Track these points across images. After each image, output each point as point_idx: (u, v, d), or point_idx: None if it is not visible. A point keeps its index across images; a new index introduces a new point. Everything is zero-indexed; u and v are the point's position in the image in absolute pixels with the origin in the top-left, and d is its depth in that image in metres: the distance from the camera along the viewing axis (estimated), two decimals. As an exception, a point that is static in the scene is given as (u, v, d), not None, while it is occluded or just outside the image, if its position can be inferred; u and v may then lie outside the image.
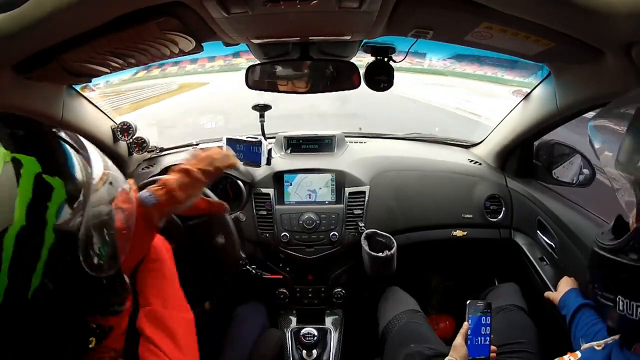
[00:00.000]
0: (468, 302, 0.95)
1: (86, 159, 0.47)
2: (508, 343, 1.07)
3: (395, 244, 1.25)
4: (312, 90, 1.15)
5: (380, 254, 1.22)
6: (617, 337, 0.65)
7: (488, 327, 0.92)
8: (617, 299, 0.57)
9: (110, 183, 0.49)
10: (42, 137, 0.45)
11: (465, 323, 0.93)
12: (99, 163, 0.49)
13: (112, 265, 0.47)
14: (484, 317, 0.93)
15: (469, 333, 0.92)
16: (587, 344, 0.72)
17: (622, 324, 0.59)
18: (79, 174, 0.44)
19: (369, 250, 1.24)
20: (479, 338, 0.92)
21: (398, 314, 1.24)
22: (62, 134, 0.47)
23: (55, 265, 0.39)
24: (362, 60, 1.14)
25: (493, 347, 0.92)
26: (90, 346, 0.45)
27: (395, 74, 1.08)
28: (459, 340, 0.92)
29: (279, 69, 1.13)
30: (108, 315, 0.48)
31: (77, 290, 0.43)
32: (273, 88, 1.15)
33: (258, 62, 1.13)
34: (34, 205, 0.38)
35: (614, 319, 0.60)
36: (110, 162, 0.52)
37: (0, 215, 0.37)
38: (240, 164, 1.43)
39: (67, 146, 0.45)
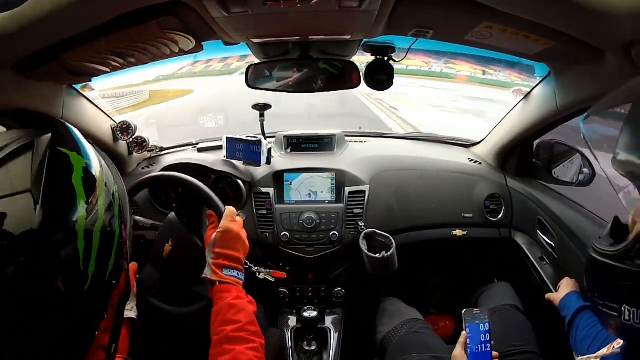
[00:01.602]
0: (464, 311, 0.94)
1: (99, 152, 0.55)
2: (509, 345, 1.06)
3: (394, 244, 1.24)
4: (312, 89, 1.15)
5: (377, 255, 1.22)
6: (616, 348, 0.63)
7: (488, 334, 0.91)
8: (623, 309, 0.53)
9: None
10: (71, 134, 0.52)
11: (463, 332, 0.91)
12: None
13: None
14: (482, 324, 0.91)
15: (468, 342, 0.90)
16: (584, 357, 0.70)
17: (627, 334, 0.56)
18: (103, 166, 0.52)
19: (367, 252, 1.24)
20: (479, 346, 0.90)
21: (398, 324, 1.22)
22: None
23: (120, 251, 0.50)
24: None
25: (495, 353, 0.90)
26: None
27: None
28: (458, 350, 0.90)
29: (278, 69, 1.13)
30: None
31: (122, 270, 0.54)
32: (273, 87, 1.15)
33: (258, 61, 1.13)
34: (108, 203, 0.49)
35: (618, 328, 0.56)
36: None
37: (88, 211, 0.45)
38: (240, 164, 1.43)
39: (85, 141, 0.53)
